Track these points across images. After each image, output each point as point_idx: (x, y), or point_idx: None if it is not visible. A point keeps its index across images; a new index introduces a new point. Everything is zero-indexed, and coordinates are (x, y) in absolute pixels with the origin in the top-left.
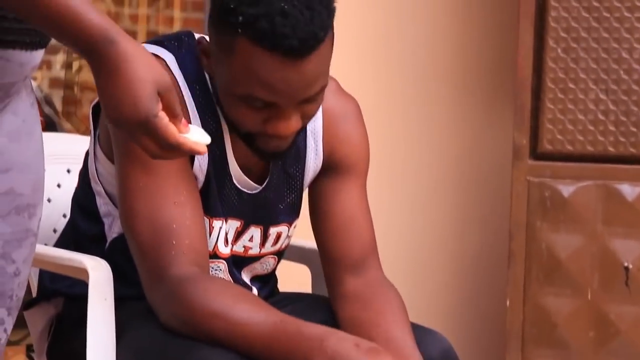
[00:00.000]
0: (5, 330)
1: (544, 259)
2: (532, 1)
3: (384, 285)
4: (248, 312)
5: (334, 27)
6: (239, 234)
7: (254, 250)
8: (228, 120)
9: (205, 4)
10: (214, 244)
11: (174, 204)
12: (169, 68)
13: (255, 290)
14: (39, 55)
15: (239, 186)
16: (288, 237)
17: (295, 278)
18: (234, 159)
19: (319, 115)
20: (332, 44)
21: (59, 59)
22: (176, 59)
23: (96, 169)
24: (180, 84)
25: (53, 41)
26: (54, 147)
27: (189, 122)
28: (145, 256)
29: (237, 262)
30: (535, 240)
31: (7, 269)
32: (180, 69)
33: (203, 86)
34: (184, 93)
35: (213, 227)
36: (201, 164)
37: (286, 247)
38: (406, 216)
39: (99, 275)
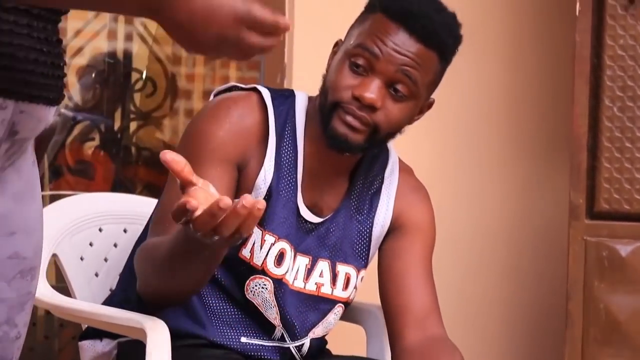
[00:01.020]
0: None
1: (602, 319)
2: (587, 60)
3: (446, 344)
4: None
5: None
6: (309, 272)
7: (326, 289)
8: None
9: (260, 64)
10: (263, 258)
11: None
12: (263, 99)
13: (306, 344)
14: (53, 112)
15: (303, 215)
16: (355, 288)
17: (346, 339)
18: (301, 195)
19: (396, 176)
20: (437, 71)
21: (116, 116)
22: (271, 95)
23: None
24: (270, 115)
25: None
26: (110, 207)
27: (266, 147)
28: (152, 225)
29: (313, 314)
30: (593, 300)
31: (10, 334)
32: (272, 103)
33: (289, 125)
34: (270, 123)
35: (265, 241)
36: (266, 175)
37: (352, 299)
38: (461, 276)
39: (157, 337)
